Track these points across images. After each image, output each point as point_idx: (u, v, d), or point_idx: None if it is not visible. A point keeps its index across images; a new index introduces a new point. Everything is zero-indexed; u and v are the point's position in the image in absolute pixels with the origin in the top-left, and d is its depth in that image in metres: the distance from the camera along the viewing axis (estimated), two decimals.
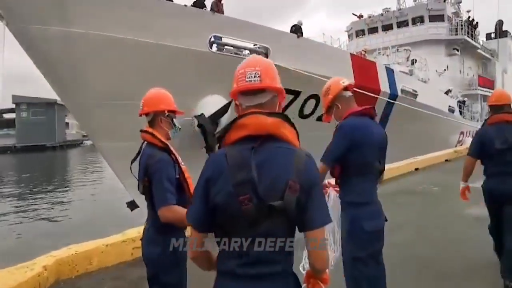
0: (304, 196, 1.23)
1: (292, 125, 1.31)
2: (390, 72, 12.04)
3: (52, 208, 14.60)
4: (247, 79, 1.32)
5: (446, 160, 9.80)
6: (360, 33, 22.62)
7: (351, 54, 10.88)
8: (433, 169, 8.87)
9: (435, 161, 9.58)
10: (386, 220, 2.27)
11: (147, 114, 2.24)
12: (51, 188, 20.01)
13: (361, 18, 22.85)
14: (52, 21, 6.55)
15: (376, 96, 11.15)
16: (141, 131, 2.23)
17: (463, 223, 4.98)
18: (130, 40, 7.21)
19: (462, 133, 18.06)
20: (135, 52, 7.38)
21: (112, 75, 7.43)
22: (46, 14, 6.48)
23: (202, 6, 8.39)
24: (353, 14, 23.45)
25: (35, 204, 15.78)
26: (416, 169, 8.67)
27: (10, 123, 52.40)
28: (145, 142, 2.21)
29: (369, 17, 22.18)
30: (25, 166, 33.87)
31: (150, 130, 2.19)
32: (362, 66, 10.94)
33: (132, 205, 8.94)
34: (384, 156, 2.32)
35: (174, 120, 2.25)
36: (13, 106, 49.08)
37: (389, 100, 11.80)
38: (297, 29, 9.57)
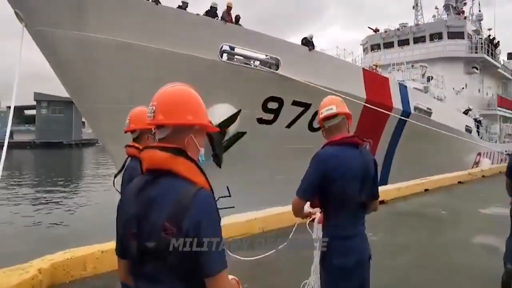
0: (187, 239, 1.09)
1: (190, 159, 1.19)
2: (403, 88, 11.84)
3: (60, 209, 14.85)
4: (148, 114, 1.27)
5: (459, 182, 9.47)
6: (375, 47, 22.45)
7: (363, 69, 10.76)
8: (444, 191, 8.54)
9: (447, 183, 9.25)
10: (370, 258, 2.10)
11: (133, 131, 2.24)
12: (64, 187, 20.45)
13: (377, 32, 22.69)
14: (68, 25, 6.74)
15: (387, 112, 10.98)
16: (127, 146, 2.24)
17: (469, 252, 4.74)
18: (143, 46, 7.34)
19: (479, 154, 17.56)
20: (147, 58, 7.51)
21: (124, 80, 7.57)
22: (63, 18, 6.68)
23: (214, 15, 8.49)
24: (368, 27, 23.33)
25: (46, 204, 16.14)
26: (426, 190, 8.40)
27: (31, 120, 54.11)
28: (129, 158, 2.21)
29: (385, 31, 22.00)
30: (43, 162, 34.78)
31: (135, 144, 2.20)
32: (374, 81, 10.80)
33: None
34: (371, 186, 2.11)
35: None
36: (34, 103, 50.62)
37: (401, 117, 11.59)
38: (308, 42, 9.56)
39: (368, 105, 10.30)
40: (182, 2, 8.37)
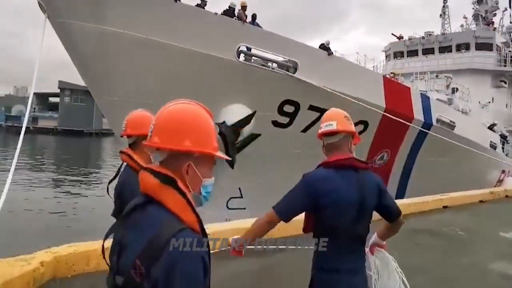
0: (156, 283, 0.93)
1: (179, 191, 1.05)
2: (425, 99, 11.43)
3: (73, 199, 15.22)
4: (148, 133, 1.14)
5: (481, 201, 9.02)
6: (398, 54, 21.87)
7: (384, 77, 10.45)
8: (464, 209, 8.09)
9: (467, 201, 8.79)
10: None
11: (129, 136, 2.16)
12: (80, 177, 20.93)
13: (400, 40, 22.12)
14: (88, 18, 6.79)
15: (407, 123, 10.62)
16: (121, 152, 2.15)
17: (487, 281, 4.38)
18: (161, 42, 7.33)
19: (503, 172, 16.83)
20: (164, 55, 7.50)
21: (141, 75, 7.59)
22: (84, 11, 6.74)
23: (233, 15, 8.41)
24: (392, 34, 22.75)
25: (62, 192, 16.56)
26: (445, 206, 8.01)
27: (55, 107, 55.86)
28: (124, 164, 2.13)
29: (410, 39, 21.39)
30: (64, 150, 35.82)
31: (129, 152, 2.11)
32: (395, 90, 10.46)
33: None
34: (370, 216, 1.89)
35: None
36: (59, 91, 52.20)
37: (422, 129, 11.20)
38: (325, 48, 9.34)
39: (387, 114, 9.99)
40: (201, 0, 8.32)
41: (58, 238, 5.61)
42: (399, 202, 7.34)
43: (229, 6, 8.57)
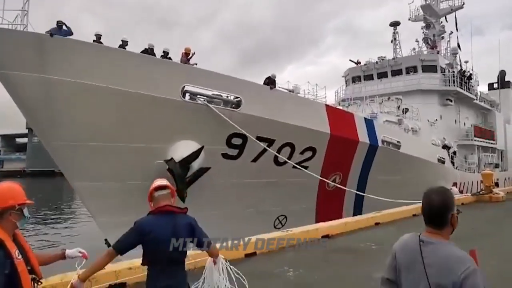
0: None
1: None
2: (369, 122, 12.26)
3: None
4: None
5: (414, 215, 9.58)
6: (356, 79, 23.24)
7: (327, 105, 11.20)
8: (395, 224, 8.58)
9: (400, 216, 9.35)
10: None
11: None
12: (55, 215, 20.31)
13: (358, 65, 23.56)
14: (30, 68, 7.13)
15: (354, 145, 11.32)
16: None
17: (365, 287, 4.62)
18: (105, 87, 7.72)
19: (454, 184, 17.81)
20: (112, 99, 7.87)
21: (87, 119, 7.89)
22: (26, 61, 7.08)
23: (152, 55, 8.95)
24: (350, 60, 24.23)
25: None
26: (377, 223, 8.50)
27: (22, 148, 54.21)
28: None
29: (365, 64, 22.88)
30: (33, 193, 34.43)
31: None
32: (338, 116, 11.21)
33: (106, 242, 9.02)
34: (183, 246, 2.56)
35: (24, 210, 2.33)
36: (26, 131, 50.97)
37: (368, 151, 11.93)
38: (270, 81, 10.04)
39: (333, 139, 10.67)
40: (122, 41, 8.88)
41: None
42: (331, 223, 7.77)
43: (147, 48, 9.08)
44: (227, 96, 9.10)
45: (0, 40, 7.05)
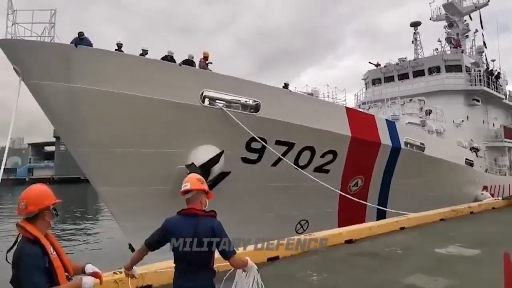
0: None
1: None
2: (391, 124, 11.94)
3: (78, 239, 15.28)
4: None
5: (442, 220, 9.18)
6: (376, 81, 22.81)
7: (347, 108, 11.00)
8: (421, 229, 8.27)
9: (427, 220, 8.97)
10: None
11: (31, 212, 2.35)
12: (77, 224, 21.05)
13: (378, 67, 23.14)
14: (57, 78, 7.42)
15: (375, 148, 11.06)
16: (17, 225, 2.38)
17: None
18: (127, 95, 7.92)
19: (485, 187, 17.06)
20: (135, 106, 8.07)
21: (111, 126, 8.10)
22: (53, 72, 7.37)
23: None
24: (369, 62, 23.81)
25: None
26: (402, 228, 8.19)
27: (51, 156, 56.37)
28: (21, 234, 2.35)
29: (385, 66, 22.44)
30: (62, 197, 35.85)
31: (23, 224, 2.34)
32: (359, 119, 10.99)
33: (130, 247, 9.16)
34: (211, 247, 2.56)
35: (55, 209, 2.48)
36: (54, 139, 52.97)
37: (391, 152, 11.61)
38: (286, 88, 9.99)
39: (354, 141, 10.46)
40: (142, 50, 9.14)
41: None
42: (354, 227, 7.57)
43: (167, 55, 9.32)
44: (246, 100, 9.11)
45: (30, 52, 7.40)
